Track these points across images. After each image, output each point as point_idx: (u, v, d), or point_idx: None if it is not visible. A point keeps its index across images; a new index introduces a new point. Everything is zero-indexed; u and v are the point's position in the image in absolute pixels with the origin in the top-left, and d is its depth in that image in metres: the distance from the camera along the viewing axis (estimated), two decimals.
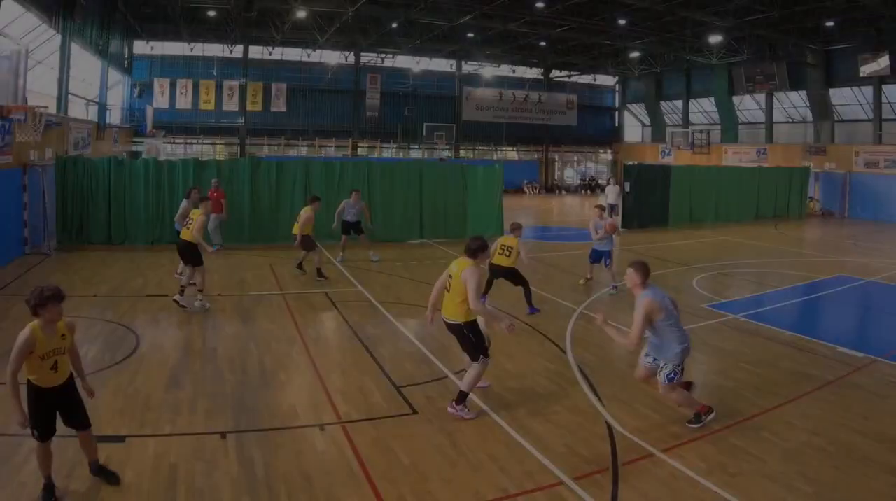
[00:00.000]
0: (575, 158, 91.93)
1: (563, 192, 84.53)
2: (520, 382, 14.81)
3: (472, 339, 13.00)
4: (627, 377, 15.02)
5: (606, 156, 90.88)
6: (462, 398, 12.94)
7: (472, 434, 12.03)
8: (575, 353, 16.98)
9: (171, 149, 71.76)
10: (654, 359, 12.38)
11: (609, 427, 12.38)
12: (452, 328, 13.13)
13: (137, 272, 25.81)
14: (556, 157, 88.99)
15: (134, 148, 65.11)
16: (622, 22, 56.91)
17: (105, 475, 10.12)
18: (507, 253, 21.23)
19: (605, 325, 12.17)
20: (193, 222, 20.46)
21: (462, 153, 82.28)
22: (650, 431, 12.23)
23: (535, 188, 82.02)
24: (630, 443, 11.74)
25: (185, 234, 20.53)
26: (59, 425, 9.60)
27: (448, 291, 13.02)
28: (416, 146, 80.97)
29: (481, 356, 12.95)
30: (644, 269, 12.03)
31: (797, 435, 12.24)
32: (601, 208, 26.60)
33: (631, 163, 55.80)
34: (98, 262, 20.03)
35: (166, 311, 20.38)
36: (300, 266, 26.36)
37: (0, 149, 26.62)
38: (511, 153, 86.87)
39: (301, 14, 56.33)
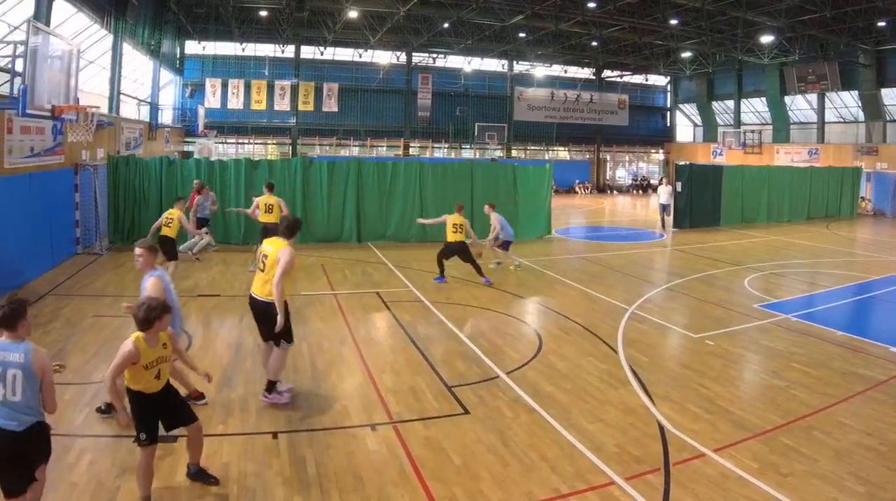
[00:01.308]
0: (627, 158, 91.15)
1: (615, 192, 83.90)
2: (571, 382, 14.76)
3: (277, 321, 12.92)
4: (679, 377, 15.17)
5: (658, 156, 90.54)
6: (271, 386, 13.13)
7: (523, 434, 12.02)
8: (626, 353, 16.91)
9: (223, 149, 72.30)
10: None
11: (661, 427, 12.37)
12: (259, 306, 13.08)
13: (189, 272, 25.91)
14: (608, 157, 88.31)
15: (185, 148, 65.81)
16: (674, 22, 56.51)
17: (203, 478, 10.19)
18: (459, 230, 24.10)
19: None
20: (174, 221, 22.30)
21: (514, 153, 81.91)
22: (701, 431, 12.21)
23: (587, 188, 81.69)
24: (681, 443, 11.73)
25: (168, 232, 21.93)
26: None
27: (262, 270, 13.00)
28: (468, 146, 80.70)
29: (283, 341, 13.04)
30: (154, 251, 12.12)
31: (849, 435, 12.15)
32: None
33: (683, 163, 55.52)
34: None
35: (218, 310, 20.59)
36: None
37: (52, 149, 26.84)
38: (563, 153, 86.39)
39: (352, 14, 56.48)
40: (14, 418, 8.13)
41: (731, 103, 79.68)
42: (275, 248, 12.84)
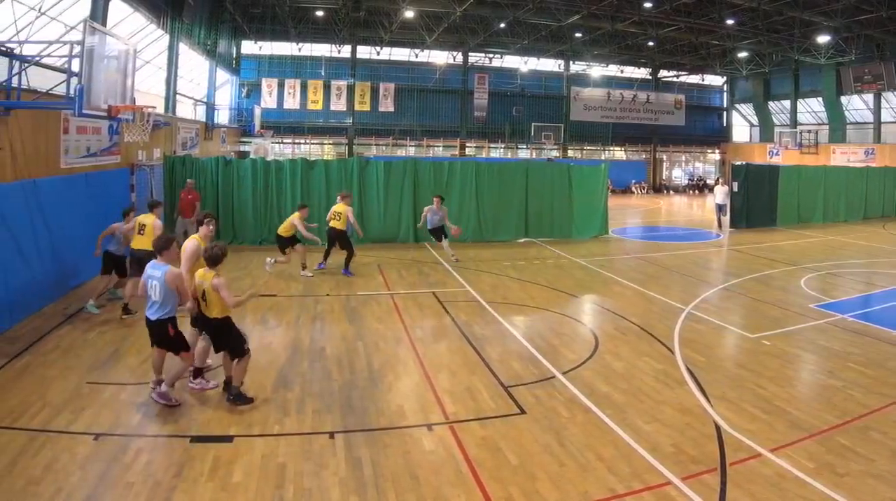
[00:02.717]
0: (683, 158, 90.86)
1: (671, 192, 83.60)
2: (628, 382, 14.74)
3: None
4: (736, 377, 15.11)
5: (714, 156, 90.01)
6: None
7: (579, 434, 12.02)
8: (683, 353, 16.87)
9: (279, 149, 72.66)
10: None
11: (717, 427, 12.33)
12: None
13: (245, 272, 26.19)
14: (664, 157, 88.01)
15: (242, 148, 66.07)
16: (730, 22, 56.28)
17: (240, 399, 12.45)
18: (338, 218, 25.12)
19: None
20: (147, 227, 19.23)
21: (570, 153, 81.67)
22: (758, 431, 12.16)
23: (643, 188, 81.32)
24: (738, 443, 11.68)
25: (142, 243, 18.96)
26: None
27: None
28: (524, 146, 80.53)
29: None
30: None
31: None
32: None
33: (739, 162, 54.85)
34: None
35: (274, 311, 20.64)
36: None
37: (108, 149, 27.10)
38: (619, 153, 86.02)
39: (409, 14, 56.66)
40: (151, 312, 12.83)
41: (787, 103, 79.11)
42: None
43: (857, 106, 71.55)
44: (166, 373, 13.14)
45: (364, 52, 73.99)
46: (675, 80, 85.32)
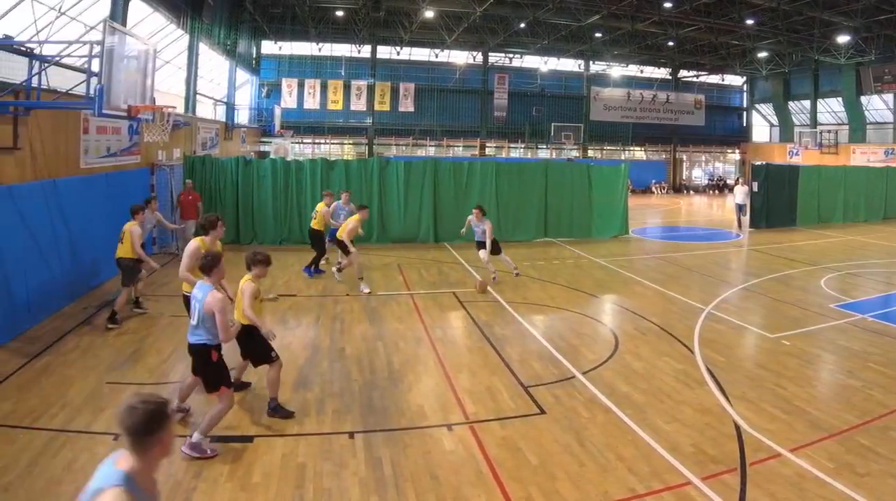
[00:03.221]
0: (703, 158, 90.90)
1: (691, 192, 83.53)
2: (647, 382, 14.74)
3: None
4: (755, 377, 15.10)
5: (734, 155, 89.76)
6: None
7: (599, 434, 12.01)
8: (703, 353, 16.85)
9: (299, 149, 72.99)
10: None
11: (737, 427, 12.32)
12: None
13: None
14: (684, 157, 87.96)
15: (262, 147, 66.00)
16: (750, 22, 56.32)
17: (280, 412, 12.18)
18: (315, 217, 24.93)
19: None
20: (125, 235, 18.67)
21: (590, 153, 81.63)
22: (778, 431, 12.15)
23: (664, 188, 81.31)
24: (758, 443, 11.67)
25: (122, 250, 18.75)
26: None
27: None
28: (544, 146, 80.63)
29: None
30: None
31: None
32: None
33: (759, 162, 54.70)
34: (226, 262, 20.16)
35: (294, 311, 20.68)
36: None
37: (128, 149, 27.25)
38: (639, 153, 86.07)
39: (429, 14, 56.70)
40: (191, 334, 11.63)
41: (807, 103, 79.09)
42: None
43: (876, 106, 71.33)
44: (200, 417, 12.32)
45: (384, 52, 74.05)
46: (694, 80, 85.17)
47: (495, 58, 76.77)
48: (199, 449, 11.03)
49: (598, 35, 67.20)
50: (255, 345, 12.78)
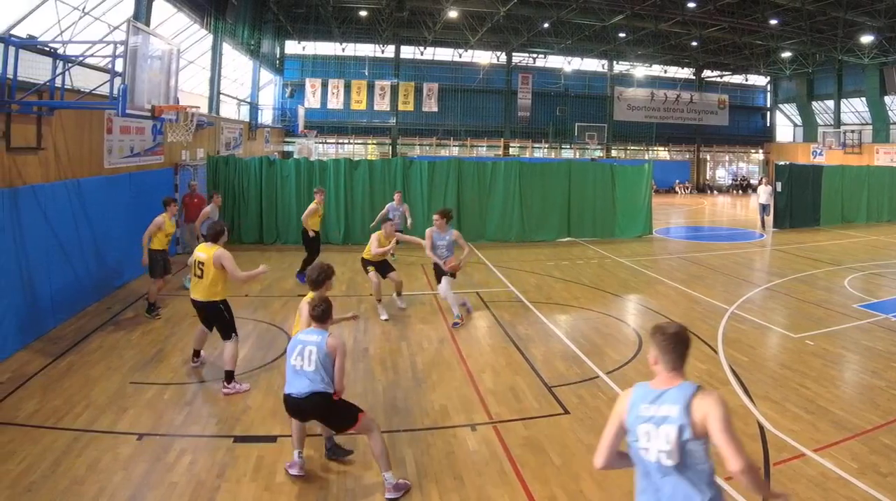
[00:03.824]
0: (726, 158, 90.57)
1: (715, 192, 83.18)
2: None
3: (226, 317, 13.80)
4: (779, 377, 15.06)
5: (758, 155, 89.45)
6: (229, 377, 13.51)
7: None
8: (726, 353, 16.81)
9: (323, 149, 73.13)
10: None
11: (760, 427, 12.30)
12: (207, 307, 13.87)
13: (289, 272, 26.15)
14: (708, 157, 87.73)
15: (285, 148, 66.66)
16: (773, 22, 56.20)
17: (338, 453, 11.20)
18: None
19: None
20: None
21: (614, 153, 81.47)
22: (801, 431, 12.11)
23: (687, 188, 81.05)
24: (781, 443, 11.64)
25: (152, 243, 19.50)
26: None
27: (199, 277, 13.66)
28: (568, 146, 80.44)
29: (233, 334, 13.69)
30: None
31: None
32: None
33: (782, 162, 54.33)
34: (249, 262, 20.00)
35: None
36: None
37: (152, 149, 27.30)
38: (662, 153, 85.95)
39: (452, 14, 56.59)
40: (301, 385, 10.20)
41: (830, 103, 78.71)
42: (209, 254, 13.55)
43: None
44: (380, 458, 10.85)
45: (408, 52, 74.09)
46: (718, 79, 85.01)
47: (519, 58, 76.66)
48: (399, 487, 10.34)
49: (621, 35, 66.89)
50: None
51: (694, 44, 70.43)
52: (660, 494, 6.18)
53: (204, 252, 13.72)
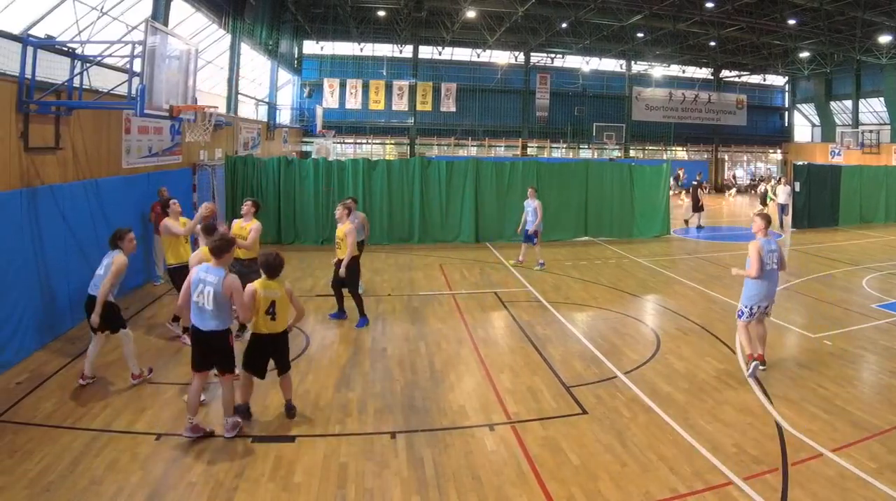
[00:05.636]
0: (745, 158, 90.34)
1: (733, 192, 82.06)
2: (689, 382, 14.71)
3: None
4: (797, 377, 15.03)
5: (776, 155, 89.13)
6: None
7: (641, 434, 12.00)
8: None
9: (341, 149, 73.02)
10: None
11: (779, 427, 12.26)
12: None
13: (307, 272, 26.24)
14: (726, 157, 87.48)
15: (303, 148, 66.71)
16: (792, 22, 56.07)
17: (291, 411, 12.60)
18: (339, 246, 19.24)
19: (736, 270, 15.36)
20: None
21: (632, 153, 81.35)
22: (820, 431, 12.09)
23: (706, 188, 79.01)
24: (799, 443, 11.62)
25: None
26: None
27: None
28: (586, 146, 80.00)
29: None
30: (767, 219, 14.98)
31: None
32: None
33: (800, 163, 54.48)
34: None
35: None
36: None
37: (170, 149, 27.34)
38: (680, 153, 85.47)
39: (470, 14, 56.75)
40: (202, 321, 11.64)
41: (849, 103, 78.31)
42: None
43: None
44: (225, 407, 11.86)
45: (426, 52, 74.11)
46: (736, 80, 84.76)
47: (537, 58, 76.52)
48: (199, 430, 11.64)
49: (639, 35, 67.06)
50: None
51: (712, 44, 70.43)
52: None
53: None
